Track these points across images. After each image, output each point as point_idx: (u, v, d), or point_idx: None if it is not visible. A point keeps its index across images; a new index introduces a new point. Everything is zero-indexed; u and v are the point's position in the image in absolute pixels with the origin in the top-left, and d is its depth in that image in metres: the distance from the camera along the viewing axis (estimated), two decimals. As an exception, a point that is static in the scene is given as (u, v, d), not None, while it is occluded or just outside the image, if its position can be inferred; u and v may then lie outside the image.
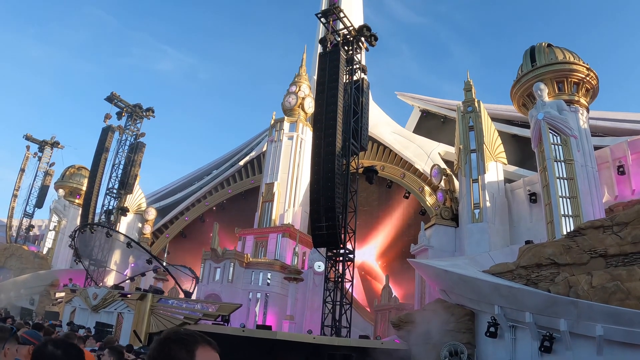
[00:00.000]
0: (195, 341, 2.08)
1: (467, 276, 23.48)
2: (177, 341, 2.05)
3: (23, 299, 42.70)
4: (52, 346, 2.65)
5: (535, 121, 28.39)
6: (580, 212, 25.69)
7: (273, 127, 44.75)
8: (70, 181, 57.61)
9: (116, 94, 48.39)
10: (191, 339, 2.08)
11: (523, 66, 31.24)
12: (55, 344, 2.69)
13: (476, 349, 24.01)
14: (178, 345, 2.03)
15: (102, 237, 43.59)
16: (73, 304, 33.99)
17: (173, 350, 2.01)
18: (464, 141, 32.73)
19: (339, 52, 31.35)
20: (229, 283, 35.75)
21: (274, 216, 40.53)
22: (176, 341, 2.05)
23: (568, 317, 19.88)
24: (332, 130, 29.27)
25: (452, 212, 33.42)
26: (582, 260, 21.23)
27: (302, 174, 42.30)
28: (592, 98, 30.82)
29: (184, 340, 2.06)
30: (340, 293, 28.62)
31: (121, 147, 49.49)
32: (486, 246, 29.43)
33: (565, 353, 20.25)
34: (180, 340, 2.05)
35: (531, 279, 21.99)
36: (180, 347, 2.03)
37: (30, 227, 58.62)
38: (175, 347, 2.03)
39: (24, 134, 60.74)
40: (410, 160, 40.09)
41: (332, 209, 27.91)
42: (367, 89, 33.72)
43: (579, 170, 26.95)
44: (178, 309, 28.66)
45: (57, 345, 2.66)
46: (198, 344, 2.07)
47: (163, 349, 2.04)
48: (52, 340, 2.83)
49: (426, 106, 47.42)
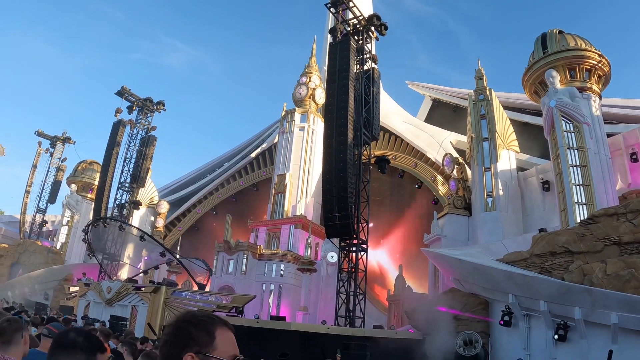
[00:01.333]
0: (214, 322, 2.03)
1: (481, 265, 23.42)
2: (196, 323, 1.98)
3: (37, 294, 42.98)
4: (74, 334, 2.67)
5: (547, 109, 28.20)
6: (594, 200, 25.53)
7: (284, 119, 44.74)
8: (83, 176, 57.67)
9: (127, 88, 48.41)
10: (210, 320, 2.03)
11: (534, 53, 30.98)
12: (77, 332, 2.71)
13: (490, 337, 23.99)
14: (197, 327, 1.97)
15: (115, 231, 43.77)
16: (87, 297, 34.20)
17: (193, 333, 1.95)
18: (476, 130, 32.59)
19: (349, 41, 31.28)
20: (242, 275, 35.91)
21: (286, 207, 40.59)
22: (195, 323, 1.98)
23: (583, 306, 19.81)
24: (343, 120, 29.24)
25: (465, 201, 33.32)
26: (596, 248, 21.13)
27: (314, 165, 42.30)
28: (605, 85, 30.54)
29: (203, 321, 2.00)
30: (354, 283, 28.66)
31: (132, 141, 49.62)
32: (499, 235, 29.35)
33: (580, 341, 20.19)
34: (200, 322, 1.99)
35: (545, 267, 21.92)
36: (200, 329, 1.97)
37: (44, 223, 59.03)
38: (195, 329, 1.96)
39: (35, 130, 61.06)
40: (422, 149, 39.98)
41: (345, 199, 27.92)
42: (378, 79, 33.62)
43: (592, 157, 26.75)
44: (192, 301, 28.76)
45: (79, 333, 2.68)
46: (217, 324, 2.02)
47: (181, 331, 1.97)
48: (74, 328, 2.86)
49: (437, 95, 47.24)
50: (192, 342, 1.92)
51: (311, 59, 46.31)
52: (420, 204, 40.23)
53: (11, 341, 3.62)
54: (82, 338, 2.63)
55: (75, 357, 2.54)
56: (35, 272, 45.78)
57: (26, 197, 60.22)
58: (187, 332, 1.95)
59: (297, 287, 36.01)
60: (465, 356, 21.56)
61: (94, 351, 2.62)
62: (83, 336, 2.66)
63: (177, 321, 2.02)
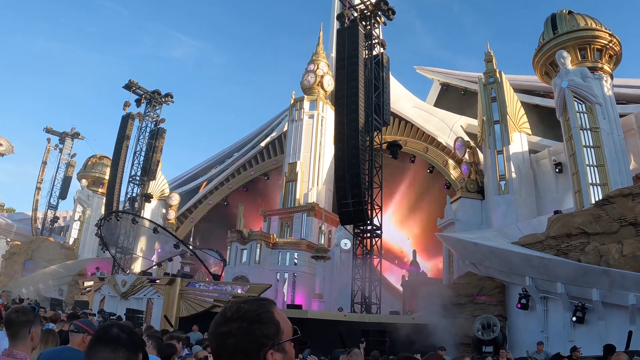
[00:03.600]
0: (268, 309, 1.88)
1: (497, 248, 23.41)
2: (259, 320, 1.83)
3: (52, 290, 43.24)
4: (117, 329, 2.60)
5: (559, 89, 27.99)
6: (608, 181, 25.38)
7: (293, 107, 44.63)
8: (93, 171, 57.84)
9: (134, 82, 48.34)
10: (265, 308, 1.87)
11: (544, 34, 30.74)
12: (121, 328, 2.66)
13: (508, 321, 24.01)
14: (262, 323, 1.82)
15: (127, 225, 43.94)
16: (102, 292, 34.36)
17: (263, 330, 1.81)
18: (487, 113, 32.43)
19: (357, 27, 31.12)
20: (256, 264, 36.02)
21: (298, 195, 40.56)
22: (259, 320, 1.83)
23: (600, 287, 19.77)
24: (354, 106, 29.18)
25: (478, 184, 33.25)
26: (612, 229, 21.08)
27: (325, 152, 42.22)
28: (616, 65, 30.29)
29: (263, 314, 1.84)
30: (369, 270, 28.69)
31: (142, 134, 49.62)
32: (513, 218, 29.29)
33: (598, 323, 20.16)
34: (262, 317, 1.84)
35: (561, 249, 21.88)
36: (265, 323, 1.83)
37: (55, 219, 59.33)
38: (261, 325, 1.81)
39: (44, 127, 61.26)
40: (433, 134, 39.83)
41: (358, 185, 27.89)
42: (387, 64, 33.43)
43: (605, 138, 26.56)
44: (207, 292, 28.88)
45: (123, 329, 2.62)
46: (271, 309, 1.89)
47: (251, 334, 1.80)
48: (117, 323, 2.81)
49: (446, 79, 46.98)
50: (266, 340, 1.81)
51: (318, 46, 46.12)
52: (433, 189, 40.17)
53: (18, 335, 3.62)
54: (125, 334, 2.56)
55: (118, 354, 2.44)
56: (48, 268, 46.07)
57: (37, 194, 60.65)
58: (258, 332, 1.81)
59: (311, 275, 36.07)
60: (483, 340, 21.58)
61: (137, 349, 2.54)
62: (127, 332, 2.59)
63: (235, 324, 1.82)
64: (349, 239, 32.94)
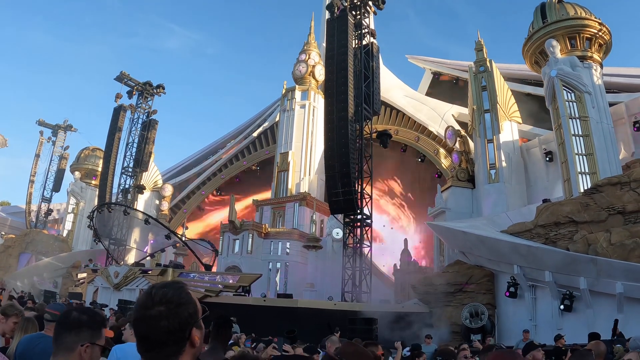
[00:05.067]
0: (186, 289, 1.95)
1: (486, 237, 23.48)
2: (183, 303, 1.89)
3: (46, 282, 43.26)
4: (78, 312, 2.68)
5: (548, 78, 28.03)
6: (597, 169, 25.47)
7: (285, 97, 44.59)
8: (86, 163, 57.72)
9: (126, 73, 48.25)
10: (184, 290, 1.94)
11: (534, 23, 30.74)
12: (82, 311, 2.72)
13: (496, 309, 24.11)
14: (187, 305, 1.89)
15: (120, 216, 43.92)
16: (95, 283, 34.42)
17: (189, 311, 1.89)
18: (477, 101, 32.41)
19: (347, 17, 31.11)
20: (249, 254, 36.08)
21: (290, 185, 40.58)
22: (182, 304, 1.88)
23: (588, 275, 19.87)
24: (343, 96, 29.20)
25: (468, 173, 33.27)
26: (600, 217, 21.14)
27: (317, 142, 42.20)
28: (606, 54, 30.34)
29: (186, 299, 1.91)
30: (360, 259, 28.77)
31: (134, 125, 49.65)
32: (503, 206, 29.33)
33: (586, 311, 20.29)
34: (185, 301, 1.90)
35: (550, 238, 21.94)
36: (188, 304, 1.90)
37: (49, 212, 59.23)
38: (187, 307, 1.89)
39: (37, 120, 61.20)
40: (424, 123, 39.87)
41: (348, 174, 27.95)
42: (377, 53, 33.43)
43: (595, 126, 26.64)
44: (199, 282, 28.95)
45: (83, 312, 2.69)
46: (189, 291, 1.96)
47: (178, 316, 1.86)
48: (77, 307, 2.87)
49: (437, 68, 46.94)
50: (192, 319, 1.91)
51: (310, 36, 46.05)
52: (424, 178, 40.23)
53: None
54: (86, 316, 2.65)
55: (81, 335, 2.57)
56: (43, 261, 46.17)
57: (30, 186, 60.61)
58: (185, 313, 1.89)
59: (303, 265, 36.18)
60: (471, 328, 21.71)
61: (99, 326, 2.66)
62: (87, 314, 2.68)
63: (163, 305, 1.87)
64: (340, 228, 33.00)
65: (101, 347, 2.65)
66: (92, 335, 2.59)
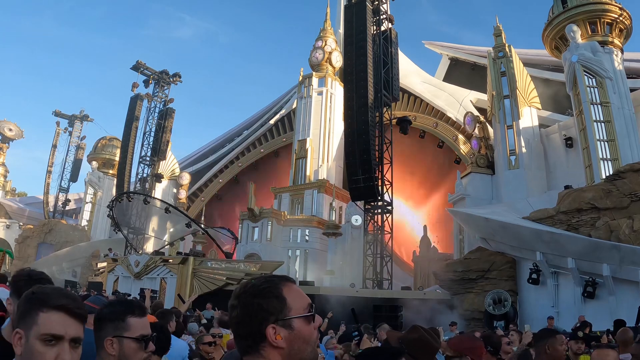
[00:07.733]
0: (276, 284, 1.86)
1: (508, 223, 23.49)
2: (260, 294, 1.82)
3: (65, 272, 43.58)
4: (103, 305, 2.68)
5: (569, 64, 27.83)
6: (619, 155, 25.32)
7: (302, 84, 44.56)
8: (103, 152, 57.94)
9: (142, 62, 48.35)
10: (272, 284, 1.86)
11: (554, 8, 30.48)
12: (109, 302, 2.72)
13: (518, 296, 24.16)
14: (264, 297, 1.81)
15: (139, 205, 44.16)
16: (115, 272, 34.61)
17: (263, 305, 1.80)
18: (497, 87, 32.23)
19: (365, 2, 31.06)
20: (268, 242, 36.21)
21: (308, 172, 40.65)
22: (260, 294, 1.82)
23: (611, 262, 19.88)
24: (363, 82, 29.22)
25: (488, 159, 33.17)
26: (622, 204, 21.10)
27: (334, 129, 42.22)
28: (626, 39, 30.05)
29: (266, 289, 1.83)
30: (381, 245, 28.87)
31: (151, 114, 49.85)
32: (524, 192, 29.23)
33: (609, 298, 20.31)
34: (264, 291, 1.83)
35: (572, 224, 21.95)
36: (267, 297, 1.81)
37: (67, 202, 59.72)
38: (262, 300, 1.81)
39: (53, 111, 61.73)
40: (442, 109, 39.70)
41: (368, 160, 28.02)
42: (396, 39, 33.38)
43: (616, 112, 26.44)
44: (220, 270, 29.11)
45: (111, 304, 2.69)
46: (280, 285, 1.86)
47: (251, 308, 1.81)
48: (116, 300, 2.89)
49: (455, 54, 46.63)
50: (267, 314, 1.80)
51: (326, 23, 45.87)
52: (443, 164, 40.15)
53: None
54: (106, 308, 2.63)
55: (102, 329, 2.53)
56: (61, 251, 46.41)
57: (48, 177, 61.11)
58: (257, 306, 1.81)
59: (322, 252, 36.27)
60: (494, 315, 21.78)
61: (118, 317, 2.55)
62: (110, 305, 2.68)
63: (240, 298, 1.86)
64: (360, 215, 33.09)
65: (135, 339, 2.49)
66: (115, 327, 2.51)
